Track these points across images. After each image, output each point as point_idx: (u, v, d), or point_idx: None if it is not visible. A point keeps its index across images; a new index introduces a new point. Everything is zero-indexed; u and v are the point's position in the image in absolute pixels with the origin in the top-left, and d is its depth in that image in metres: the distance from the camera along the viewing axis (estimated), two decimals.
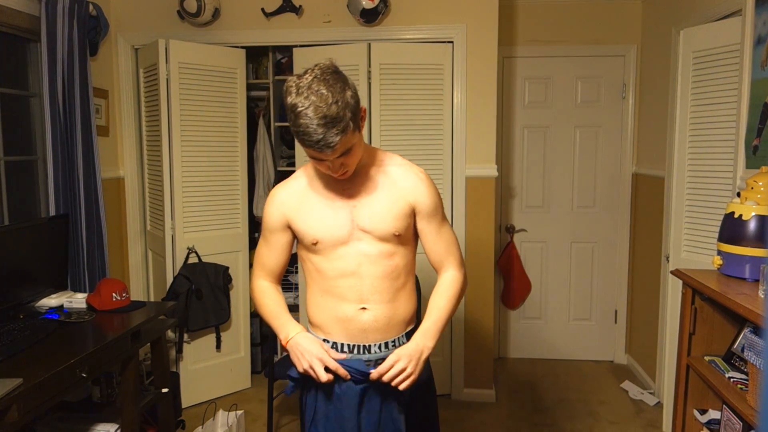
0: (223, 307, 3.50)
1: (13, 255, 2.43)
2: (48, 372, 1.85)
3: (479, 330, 3.55)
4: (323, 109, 1.35)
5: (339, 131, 1.37)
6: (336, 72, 1.42)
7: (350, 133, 1.41)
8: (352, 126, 1.41)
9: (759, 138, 2.39)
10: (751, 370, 1.92)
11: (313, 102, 1.36)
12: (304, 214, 1.58)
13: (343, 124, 1.38)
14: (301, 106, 1.37)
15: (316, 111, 1.35)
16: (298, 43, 3.53)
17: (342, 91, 1.39)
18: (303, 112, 1.36)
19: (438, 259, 1.67)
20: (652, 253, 3.65)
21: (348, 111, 1.39)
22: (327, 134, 1.36)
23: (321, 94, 1.36)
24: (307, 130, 1.37)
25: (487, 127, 3.42)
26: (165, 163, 3.34)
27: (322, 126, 1.36)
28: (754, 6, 2.44)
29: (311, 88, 1.37)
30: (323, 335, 1.61)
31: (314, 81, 1.38)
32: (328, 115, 1.36)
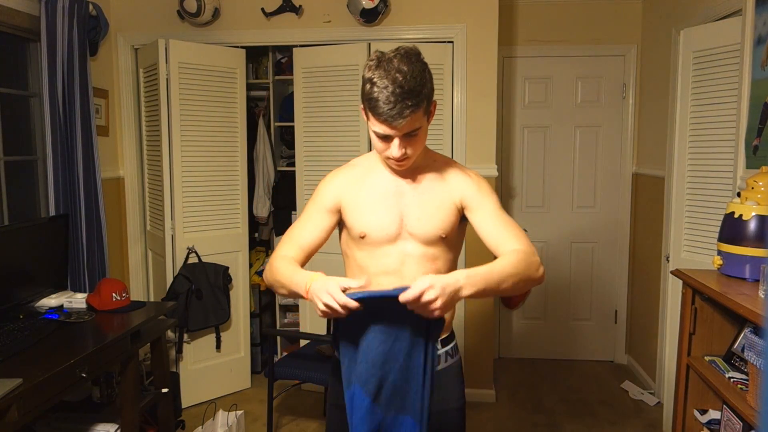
0: (223, 307, 3.50)
1: (13, 255, 2.43)
2: (48, 372, 1.85)
3: (479, 330, 3.55)
4: (401, 81, 1.35)
5: (413, 104, 1.36)
6: (419, 55, 1.43)
7: (421, 114, 1.40)
8: (425, 106, 1.40)
9: (759, 138, 2.39)
10: (751, 370, 1.92)
11: (392, 75, 1.36)
12: (358, 203, 1.54)
13: (418, 99, 1.37)
14: (378, 77, 1.37)
15: (394, 81, 1.35)
16: (298, 43, 3.53)
17: (422, 71, 1.40)
18: (380, 81, 1.36)
19: (498, 242, 1.48)
20: (652, 253, 3.65)
21: (425, 89, 1.39)
22: (401, 104, 1.35)
23: (401, 69, 1.36)
24: (381, 96, 1.35)
25: (487, 127, 3.42)
26: (165, 163, 3.34)
27: (398, 95, 1.34)
28: (754, 6, 2.44)
29: (392, 63, 1.38)
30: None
31: (396, 58, 1.39)
32: (405, 86, 1.35)
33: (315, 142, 3.50)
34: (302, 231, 1.56)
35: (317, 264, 1.50)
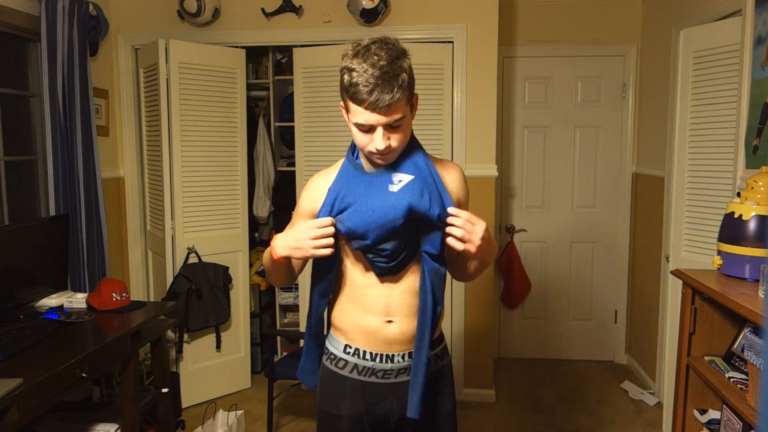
0: (223, 307, 3.50)
1: (13, 255, 2.44)
2: (48, 372, 1.85)
3: (479, 330, 3.55)
4: (381, 64, 1.30)
5: (395, 88, 1.31)
6: (396, 43, 1.37)
7: (404, 102, 1.35)
8: (407, 94, 1.35)
9: (759, 138, 2.39)
10: (751, 370, 1.92)
11: (371, 59, 1.31)
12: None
13: (399, 81, 1.32)
14: (357, 63, 1.32)
15: (373, 65, 1.30)
16: (298, 43, 3.53)
17: (401, 56, 1.34)
18: (359, 66, 1.31)
19: None
20: (652, 253, 3.65)
21: (405, 74, 1.34)
22: (383, 87, 1.30)
23: (379, 54, 1.31)
24: (361, 79, 1.30)
25: (487, 127, 3.42)
26: (165, 163, 3.34)
27: (379, 78, 1.30)
28: (754, 6, 2.44)
29: (370, 50, 1.33)
30: (346, 340, 1.56)
31: (374, 45, 1.34)
32: (385, 70, 1.30)
33: (315, 142, 3.50)
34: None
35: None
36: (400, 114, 1.36)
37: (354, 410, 1.54)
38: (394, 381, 1.54)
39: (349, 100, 1.35)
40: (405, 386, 1.52)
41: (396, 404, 1.54)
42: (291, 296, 4.00)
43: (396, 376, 1.54)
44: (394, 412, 1.55)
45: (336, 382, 1.56)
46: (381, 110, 1.32)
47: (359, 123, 1.36)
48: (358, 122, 1.36)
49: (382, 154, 1.39)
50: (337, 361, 1.57)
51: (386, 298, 1.50)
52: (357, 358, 1.54)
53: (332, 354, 1.58)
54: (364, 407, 1.54)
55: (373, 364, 1.53)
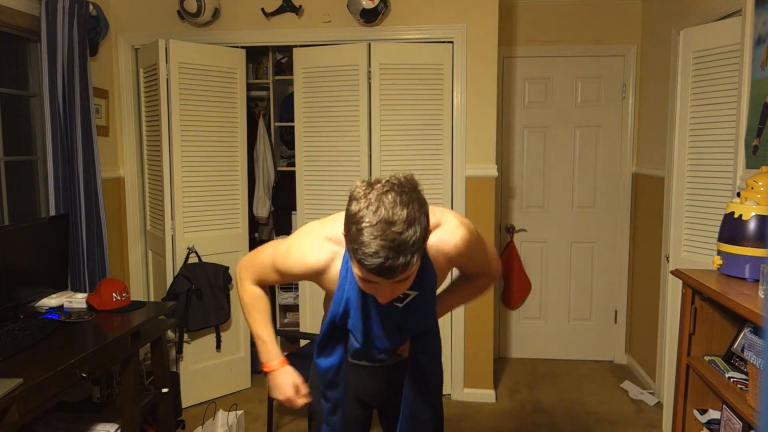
0: (223, 307, 3.50)
1: (13, 255, 2.43)
2: (48, 372, 1.85)
3: (479, 330, 3.55)
4: (394, 232, 1.13)
5: (406, 261, 1.15)
6: (415, 189, 1.20)
7: (416, 263, 1.20)
8: (420, 254, 1.20)
9: (759, 138, 2.39)
10: (751, 370, 1.92)
11: (383, 219, 1.13)
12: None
13: (412, 251, 1.16)
14: (367, 220, 1.14)
15: (384, 231, 1.13)
16: (298, 43, 3.53)
17: (419, 213, 1.17)
18: (368, 229, 1.14)
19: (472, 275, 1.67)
20: (652, 253, 3.65)
21: (420, 240, 1.18)
22: (392, 261, 1.14)
23: (395, 212, 1.14)
24: (369, 250, 1.13)
25: (487, 127, 3.41)
26: (165, 163, 3.34)
27: (389, 249, 1.13)
28: (754, 6, 2.44)
29: (383, 201, 1.15)
30: None
31: (389, 193, 1.16)
32: (397, 240, 1.13)
33: (315, 142, 3.50)
34: (270, 277, 1.58)
35: None
36: (408, 274, 1.22)
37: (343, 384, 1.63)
38: (385, 365, 1.64)
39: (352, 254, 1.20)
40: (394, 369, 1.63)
41: (383, 385, 1.66)
42: (291, 296, 4.00)
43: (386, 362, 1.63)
44: (381, 391, 1.67)
45: None
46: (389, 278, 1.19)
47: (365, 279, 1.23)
48: (364, 278, 1.23)
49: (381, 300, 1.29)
50: None
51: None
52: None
53: None
54: (354, 384, 1.63)
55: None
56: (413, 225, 1.15)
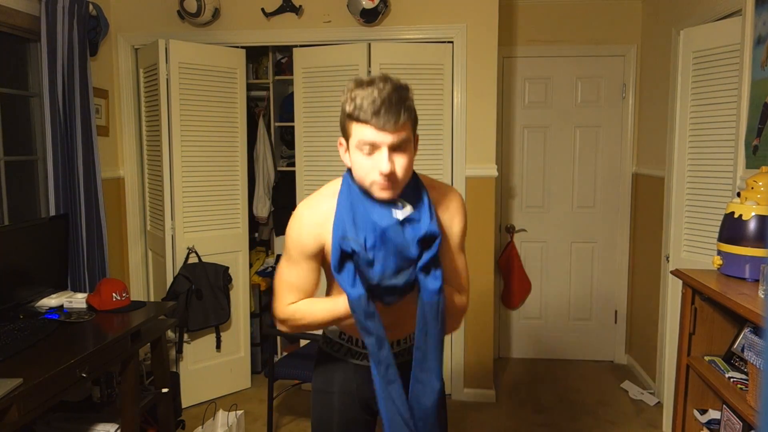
0: (223, 307, 3.50)
1: (13, 255, 2.43)
2: (48, 372, 1.85)
3: (479, 330, 3.55)
4: (388, 90, 1.28)
5: (404, 109, 1.29)
6: (398, 79, 1.35)
7: (409, 127, 1.33)
8: (411, 122, 1.33)
9: (759, 138, 2.39)
10: (751, 370, 1.92)
11: (376, 86, 1.29)
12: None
13: (408, 104, 1.30)
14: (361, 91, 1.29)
15: (379, 90, 1.27)
16: (298, 43, 3.53)
17: (404, 88, 1.33)
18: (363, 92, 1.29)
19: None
20: (652, 253, 3.65)
21: (411, 102, 1.32)
22: (389, 107, 1.26)
23: (383, 85, 1.29)
24: (367, 99, 1.27)
25: (487, 127, 3.42)
26: (165, 163, 3.34)
27: (386, 99, 1.26)
28: (754, 6, 2.44)
29: (373, 82, 1.30)
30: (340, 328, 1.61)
31: (376, 78, 1.32)
32: (391, 95, 1.28)
33: (315, 142, 3.50)
34: (299, 279, 1.49)
35: None
36: (406, 134, 1.31)
37: (345, 387, 1.61)
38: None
39: (354, 122, 1.30)
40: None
41: None
42: None
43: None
44: None
45: (330, 363, 1.65)
46: (388, 129, 1.28)
47: (363, 140, 1.30)
48: (363, 139, 1.30)
49: (387, 178, 1.31)
50: (332, 345, 1.64)
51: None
52: (350, 344, 1.60)
53: (329, 338, 1.64)
54: (356, 386, 1.61)
55: (365, 351, 1.55)
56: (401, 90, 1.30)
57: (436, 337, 1.45)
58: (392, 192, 1.35)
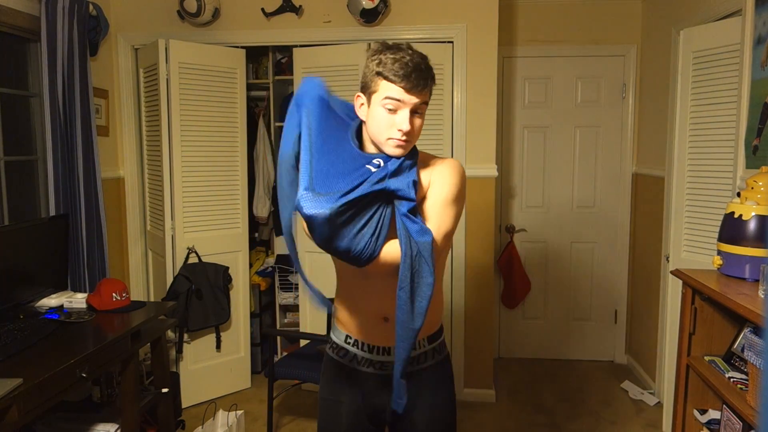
0: (223, 307, 3.50)
1: (13, 255, 2.43)
2: (48, 372, 1.85)
3: (479, 330, 3.55)
4: (418, 56, 1.38)
5: (429, 76, 1.39)
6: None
7: (429, 94, 1.41)
8: (430, 90, 1.42)
9: (759, 138, 2.39)
10: (751, 370, 1.92)
11: (405, 52, 1.38)
12: None
13: (432, 74, 1.40)
14: (392, 53, 1.37)
15: (410, 56, 1.37)
16: (298, 43, 3.53)
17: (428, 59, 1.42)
18: (395, 54, 1.37)
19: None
20: (652, 253, 3.65)
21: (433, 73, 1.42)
22: (419, 72, 1.36)
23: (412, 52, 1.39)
24: (399, 61, 1.35)
25: (487, 127, 3.41)
26: (165, 163, 3.34)
27: (419, 65, 1.36)
28: (754, 6, 2.44)
29: (401, 48, 1.40)
30: (346, 331, 1.59)
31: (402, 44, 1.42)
32: (420, 61, 1.38)
33: None
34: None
35: (318, 264, 1.52)
36: (426, 100, 1.41)
37: (352, 397, 1.58)
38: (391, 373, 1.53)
39: (383, 80, 1.37)
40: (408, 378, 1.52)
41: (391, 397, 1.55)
42: (291, 296, 4.00)
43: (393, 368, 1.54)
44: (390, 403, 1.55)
45: (337, 370, 1.61)
46: (414, 92, 1.36)
47: (391, 97, 1.37)
48: (391, 96, 1.37)
49: (404, 134, 1.38)
50: (338, 350, 1.61)
51: (379, 296, 1.48)
52: (356, 348, 1.57)
53: (335, 343, 1.62)
54: (363, 396, 1.57)
55: (371, 356, 1.56)
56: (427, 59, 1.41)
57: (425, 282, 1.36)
58: (404, 150, 1.41)
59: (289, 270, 3.98)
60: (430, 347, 1.59)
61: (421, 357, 1.57)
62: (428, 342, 1.59)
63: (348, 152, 1.41)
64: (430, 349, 1.59)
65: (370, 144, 1.46)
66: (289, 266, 3.97)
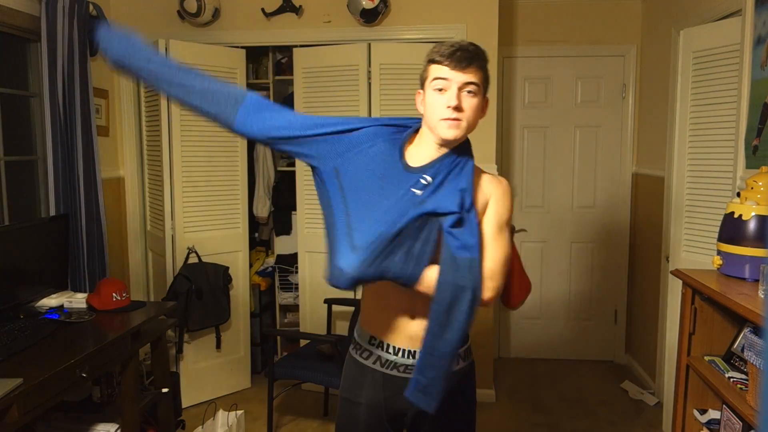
0: (223, 307, 3.50)
1: (13, 255, 2.43)
2: (48, 372, 1.85)
3: (479, 330, 3.54)
4: (472, 45, 1.41)
5: (479, 59, 1.39)
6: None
7: (482, 77, 1.41)
8: (484, 75, 1.42)
9: (759, 138, 2.39)
10: (751, 370, 1.92)
11: (462, 41, 1.42)
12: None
13: (484, 58, 1.41)
14: (451, 41, 1.42)
15: (465, 43, 1.41)
16: (298, 43, 3.53)
17: (486, 52, 1.44)
18: (452, 41, 1.42)
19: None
20: (652, 253, 3.65)
21: (486, 62, 1.43)
22: (469, 52, 1.37)
23: (471, 43, 1.42)
24: (447, 45, 1.38)
25: (487, 127, 3.41)
26: (165, 163, 3.34)
27: (467, 47, 1.39)
28: (754, 6, 2.44)
29: (461, 41, 1.44)
30: (371, 332, 1.56)
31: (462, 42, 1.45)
32: (475, 47, 1.41)
33: None
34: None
35: (318, 264, 1.52)
36: (477, 80, 1.40)
37: (373, 400, 1.55)
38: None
39: (432, 65, 1.40)
40: None
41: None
42: (291, 296, 4.00)
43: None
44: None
45: (358, 371, 1.58)
46: (459, 69, 1.37)
47: (437, 77, 1.39)
48: (437, 76, 1.39)
49: (454, 111, 1.38)
50: (362, 351, 1.58)
51: (409, 294, 1.45)
52: (381, 350, 1.54)
53: (358, 344, 1.60)
54: (384, 398, 1.55)
55: (396, 359, 1.53)
56: (481, 49, 1.42)
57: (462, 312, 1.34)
58: (457, 131, 1.41)
59: (289, 270, 3.98)
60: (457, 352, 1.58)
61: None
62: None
63: (394, 179, 1.39)
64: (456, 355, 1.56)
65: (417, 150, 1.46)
66: (289, 266, 3.97)
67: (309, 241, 3.54)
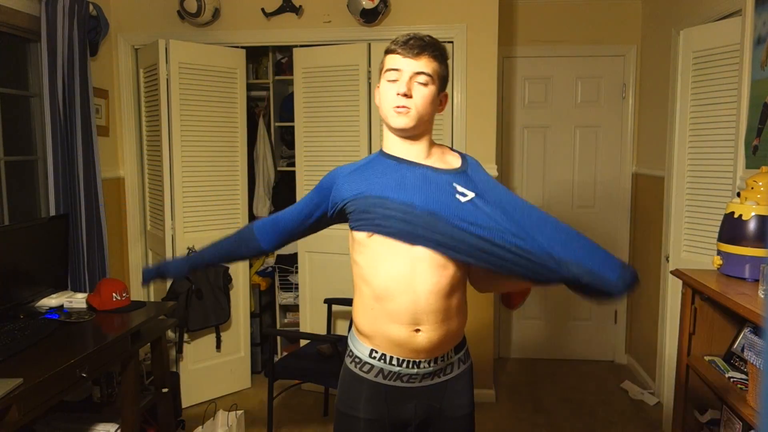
0: (223, 307, 3.50)
1: (13, 255, 2.43)
2: (48, 372, 1.85)
3: (479, 330, 3.55)
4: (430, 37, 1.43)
5: (432, 48, 1.39)
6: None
7: (435, 68, 1.41)
8: (439, 67, 1.42)
9: (759, 138, 2.39)
10: (751, 370, 1.92)
11: (413, 34, 1.43)
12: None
13: (438, 47, 1.41)
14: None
15: (415, 34, 1.42)
16: (298, 43, 3.53)
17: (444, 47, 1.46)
18: (401, 37, 1.42)
19: None
20: (652, 253, 3.65)
21: (444, 53, 1.43)
22: (422, 41, 1.39)
23: (423, 35, 1.43)
24: (401, 38, 1.40)
25: (487, 127, 3.42)
26: (165, 163, 3.34)
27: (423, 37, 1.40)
28: (754, 6, 2.44)
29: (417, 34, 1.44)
30: (371, 345, 1.50)
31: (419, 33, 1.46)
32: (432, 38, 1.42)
33: (315, 142, 3.50)
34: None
35: (318, 263, 1.53)
36: (429, 70, 1.39)
37: (373, 413, 1.51)
38: (418, 385, 1.52)
39: (386, 56, 1.43)
40: (428, 390, 1.52)
41: (419, 408, 1.53)
42: (291, 296, 4.00)
43: (421, 380, 1.51)
44: (417, 415, 1.53)
45: (356, 385, 1.53)
46: (411, 54, 1.38)
47: (389, 67, 1.41)
48: (389, 66, 1.41)
49: (404, 99, 1.38)
50: (362, 365, 1.52)
51: (413, 304, 1.42)
52: (383, 362, 1.49)
53: (357, 357, 1.54)
54: (387, 410, 1.51)
55: (399, 369, 1.49)
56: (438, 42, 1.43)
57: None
58: (407, 119, 1.41)
59: (289, 270, 3.98)
60: (456, 357, 1.57)
61: (447, 368, 1.55)
62: (454, 352, 1.56)
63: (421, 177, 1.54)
64: (456, 360, 1.57)
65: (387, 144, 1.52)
66: (289, 266, 3.97)
67: (309, 241, 3.53)
